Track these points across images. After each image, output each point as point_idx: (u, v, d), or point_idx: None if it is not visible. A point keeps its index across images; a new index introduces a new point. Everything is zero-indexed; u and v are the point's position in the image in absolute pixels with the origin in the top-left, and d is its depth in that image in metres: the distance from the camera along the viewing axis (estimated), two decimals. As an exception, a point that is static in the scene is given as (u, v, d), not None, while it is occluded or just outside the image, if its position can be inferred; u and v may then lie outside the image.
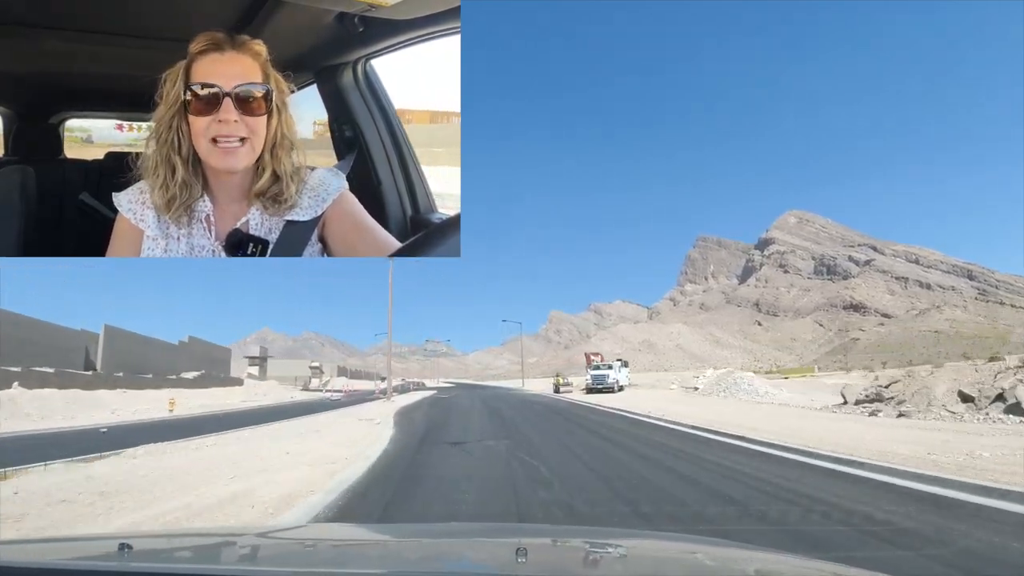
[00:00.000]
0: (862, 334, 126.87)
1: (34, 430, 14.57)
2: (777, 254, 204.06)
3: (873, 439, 7.85)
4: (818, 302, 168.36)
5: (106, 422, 17.00)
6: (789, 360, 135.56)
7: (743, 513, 4.12)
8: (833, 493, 4.66)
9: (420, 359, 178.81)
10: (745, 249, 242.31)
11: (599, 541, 1.73)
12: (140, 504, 4.77)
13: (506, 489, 5.24)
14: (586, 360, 43.27)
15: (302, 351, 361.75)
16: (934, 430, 8.74)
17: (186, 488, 5.44)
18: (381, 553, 1.59)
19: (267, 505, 4.62)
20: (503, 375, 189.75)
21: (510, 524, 3.78)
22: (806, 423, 10.95)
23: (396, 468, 6.68)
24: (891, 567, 2.83)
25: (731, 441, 8.54)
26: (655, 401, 21.01)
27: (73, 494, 5.12)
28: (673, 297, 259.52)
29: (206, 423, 16.02)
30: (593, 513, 4.26)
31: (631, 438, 9.68)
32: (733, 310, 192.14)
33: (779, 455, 6.95)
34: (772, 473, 5.74)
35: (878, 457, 6.18)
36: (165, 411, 21.84)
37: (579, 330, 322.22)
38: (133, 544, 1.30)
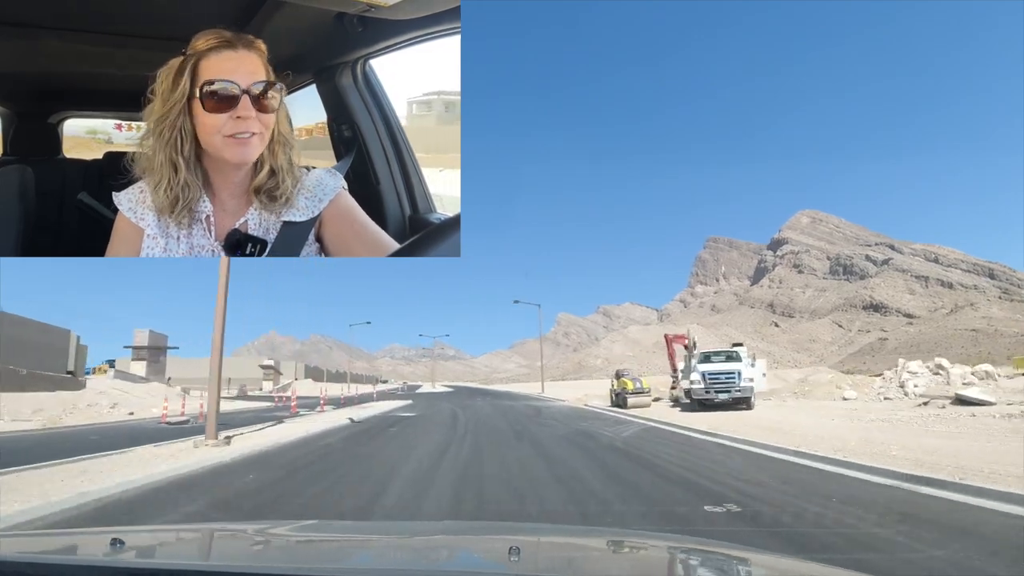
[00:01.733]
0: (889, 334, 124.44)
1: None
2: (791, 254, 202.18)
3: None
4: (835, 302, 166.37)
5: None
6: (808, 362, 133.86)
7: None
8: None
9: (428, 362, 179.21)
10: (757, 250, 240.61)
11: (592, 540, 1.75)
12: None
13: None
14: (668, 349, 23.21)
15: (310, 354, 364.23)
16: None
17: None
18: (375, 551, 1.61)
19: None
20: (512, 378, 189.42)
21: (504, 523, 3.80)
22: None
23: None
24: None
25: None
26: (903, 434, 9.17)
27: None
28: (683, 299, 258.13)
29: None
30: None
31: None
32: (746, 311, 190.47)
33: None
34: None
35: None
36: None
37: (588, 333, 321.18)
38: (125, 539, 1.32)
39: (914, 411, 12.92)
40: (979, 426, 9.58)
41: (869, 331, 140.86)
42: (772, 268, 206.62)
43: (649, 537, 2.22)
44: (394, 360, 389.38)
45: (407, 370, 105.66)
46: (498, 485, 5.81)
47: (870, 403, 16.43)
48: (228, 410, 21.47)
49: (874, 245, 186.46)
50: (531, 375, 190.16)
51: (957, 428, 9.58)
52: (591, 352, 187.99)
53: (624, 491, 5.43)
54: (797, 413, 14.53)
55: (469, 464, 7.25)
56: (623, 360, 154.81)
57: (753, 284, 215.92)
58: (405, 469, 6.87)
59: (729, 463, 7.08)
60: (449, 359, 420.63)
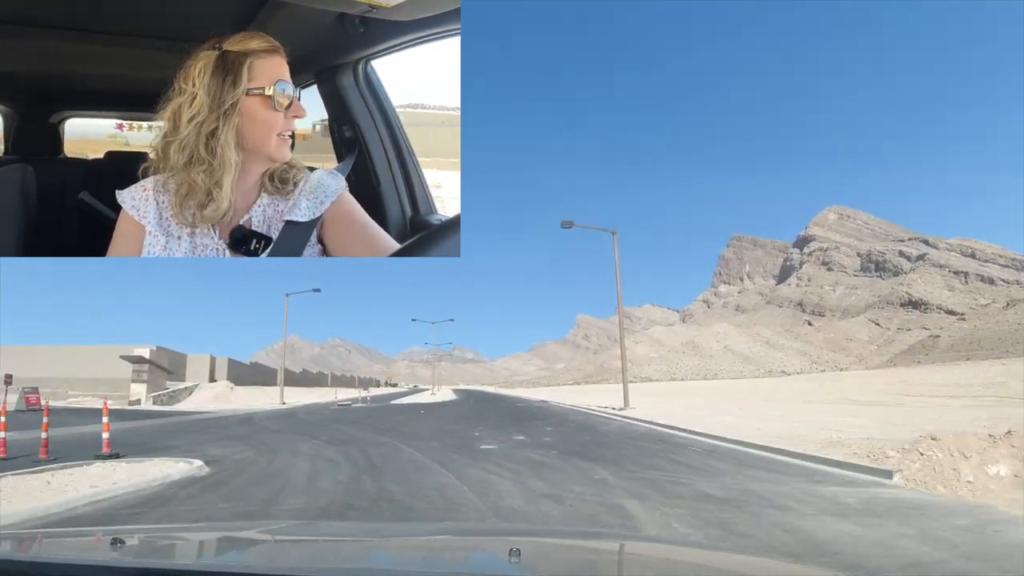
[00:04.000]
0: (941, 331, 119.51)
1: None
2: (819, 251, 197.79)
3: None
4: (869, 300, 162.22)
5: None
6: (848, 362, 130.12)
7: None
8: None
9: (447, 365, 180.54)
10: (782, 248, 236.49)
11: (593, 543, 1.77)
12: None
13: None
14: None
15: (329, 358, 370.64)
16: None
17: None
18: (375, 552, 1.63)
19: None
20: (531, 382, 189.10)
21: (504, 524, 3.83)
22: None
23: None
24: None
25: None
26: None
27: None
28: (706, 299, 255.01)
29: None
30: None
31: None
32: (774, 310, 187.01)
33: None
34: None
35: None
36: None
37: (608, 335, 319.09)
38: (126, 539, 1.35)
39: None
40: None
41: (910, 329, 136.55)
42: (799, 266, 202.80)
43: (651, 540, 2.21)
44: (412, 363, 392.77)
45: (425, 373, 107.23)
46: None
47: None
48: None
49: (907, 241, 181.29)
50: (551, 378, 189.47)
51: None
52: (613, 354, 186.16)
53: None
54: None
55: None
56: (648, 362, 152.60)
57: (779, 283, 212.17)
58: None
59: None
60: (467, 362, 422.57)
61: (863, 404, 20.20)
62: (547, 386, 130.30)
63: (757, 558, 1.72)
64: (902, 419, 12.04)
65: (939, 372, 50.57)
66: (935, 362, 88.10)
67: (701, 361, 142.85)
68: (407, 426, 14.13)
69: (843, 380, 49.89)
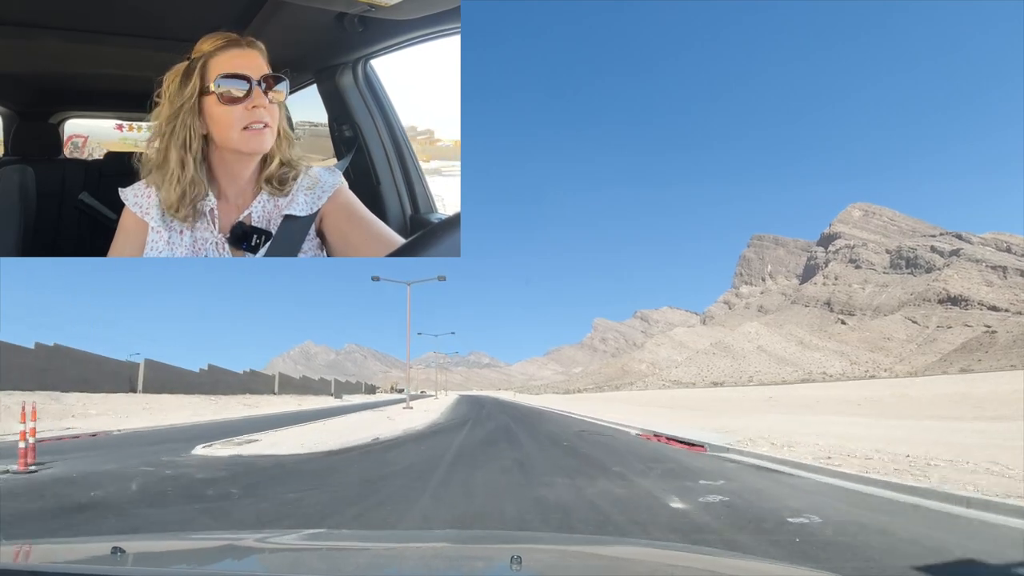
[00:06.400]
0: (996, 328, 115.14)
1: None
2: (846, 249, 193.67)
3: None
4: (901, 297, 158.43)
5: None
6: (889, 362, 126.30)
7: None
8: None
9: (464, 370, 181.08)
10: (805, 247, 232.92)
11: (593, 549, 1.79)
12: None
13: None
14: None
15: (345, 364, 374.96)
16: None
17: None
18: (377, 559, 1.66)
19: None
20: (547, 386, 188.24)
21: (505, 532, 3.87)
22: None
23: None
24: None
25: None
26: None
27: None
28: (727, 300, 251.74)
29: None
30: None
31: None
32: (800, 310, 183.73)
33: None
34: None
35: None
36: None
37: (625, 338, 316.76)
38: (126, 548, 1.37)
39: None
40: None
41: (951, 326, 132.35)
42: (824, 264, 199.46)
43: (652, 546, 2.20)
44: (428, 368, 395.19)
45: (442, 378, 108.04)
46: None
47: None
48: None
49: (938, 236, 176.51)
50: (568, 383, 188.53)
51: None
52: (634, 357, 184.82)
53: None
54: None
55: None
56: (674, 365, 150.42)
57: (803, 282, 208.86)
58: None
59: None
60: (484, 367, 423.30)
61: (991, 418, 16.08)
62: (566, 392, 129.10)
63: (755, 562, 1.74)
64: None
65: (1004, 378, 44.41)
66: (993, 360, 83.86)
67: (733, 363, 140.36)
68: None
69: (911, 386, 47.12)
